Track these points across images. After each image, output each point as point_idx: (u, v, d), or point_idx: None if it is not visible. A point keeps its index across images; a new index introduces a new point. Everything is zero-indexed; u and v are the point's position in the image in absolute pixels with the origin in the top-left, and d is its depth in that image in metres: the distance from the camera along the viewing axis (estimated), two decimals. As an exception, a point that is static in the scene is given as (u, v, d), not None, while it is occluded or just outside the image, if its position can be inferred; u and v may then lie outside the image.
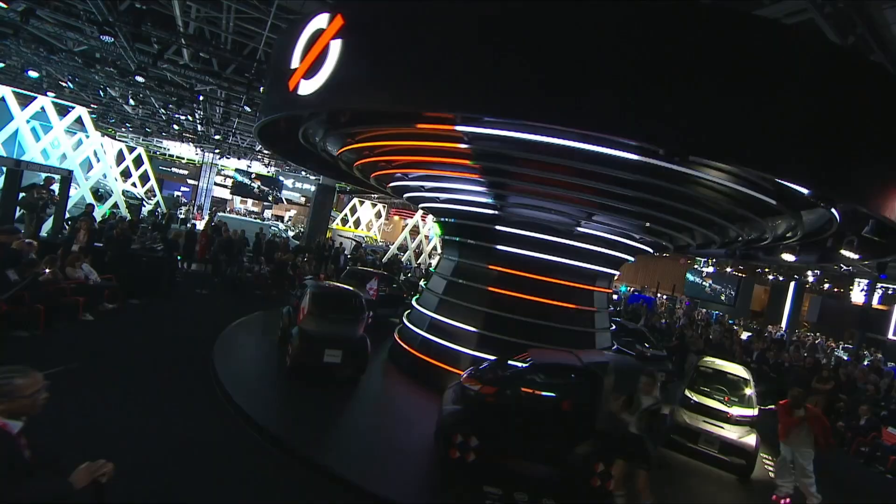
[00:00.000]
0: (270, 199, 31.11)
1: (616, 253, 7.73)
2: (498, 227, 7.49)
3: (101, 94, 17.66)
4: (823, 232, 6.77)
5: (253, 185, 30.96)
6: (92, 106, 19.75)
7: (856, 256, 6.43)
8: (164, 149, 35.18)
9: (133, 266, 9.71)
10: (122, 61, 12.44)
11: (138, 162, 27.75)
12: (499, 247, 7.61)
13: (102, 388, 5.58)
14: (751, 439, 6.42)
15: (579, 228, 6.84)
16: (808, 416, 5.72)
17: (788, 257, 6.81)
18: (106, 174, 18.93)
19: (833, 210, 5.58)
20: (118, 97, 18.10)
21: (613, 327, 9.07)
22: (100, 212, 16.09)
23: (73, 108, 16.11)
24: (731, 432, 6.51)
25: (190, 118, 20.53)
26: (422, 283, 10.80)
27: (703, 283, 34.53)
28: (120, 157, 26.92)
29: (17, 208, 9.63)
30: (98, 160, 18.73)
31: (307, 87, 5.60)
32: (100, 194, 19.65)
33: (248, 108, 13.66)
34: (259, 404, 5.82)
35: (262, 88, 11.28)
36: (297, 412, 6.09)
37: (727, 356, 12.07)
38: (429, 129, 5.70)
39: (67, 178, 11.46)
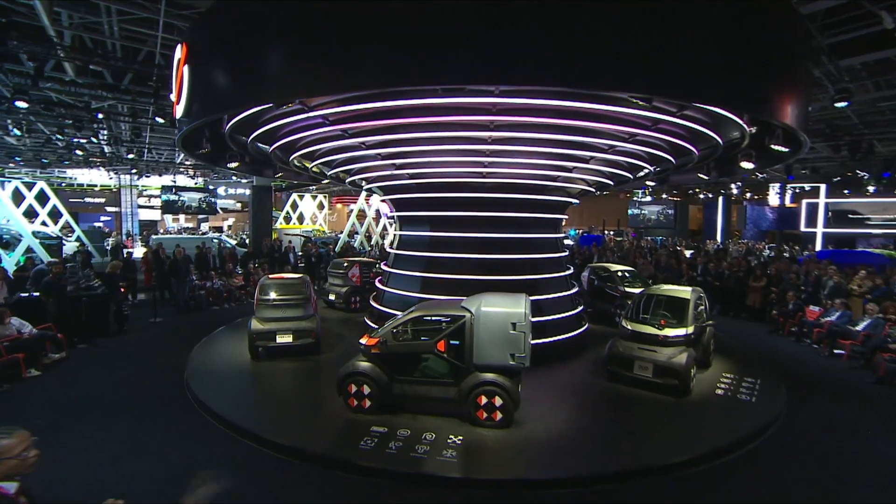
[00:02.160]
0: (206, 207, 29.04)
1: (546, 197, 8.13)
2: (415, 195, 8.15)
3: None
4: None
5: (183, 198, 28.78)
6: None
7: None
8: (71, 179, 31.75)
9: (73, 309, 8.97)
10: (-5, 88, 10.94)
11: (42, 198, 24.92)
12: (423, 213, 8.47)
13: (72, 441, 5.29)
14: (681, 358, 6.39)
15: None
16: None
17: (747, 165, 7.46)
18: (7, 218, 16.96)
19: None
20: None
21: (571, 270, 9.43)
22: (11, 260, 14.53)
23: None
24: (662, 355, 6.51)
25: (94, 140, 18.55)
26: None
27: (644, 211, 36.73)
28: (18, 197, 24.04)
29: None
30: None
31: (178, 112, 6.46)
32: (5, 241, 17.66)
33: (159, 120, 12.23)
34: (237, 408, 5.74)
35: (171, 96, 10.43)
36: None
37: (677, 277, 13.17)
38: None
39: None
